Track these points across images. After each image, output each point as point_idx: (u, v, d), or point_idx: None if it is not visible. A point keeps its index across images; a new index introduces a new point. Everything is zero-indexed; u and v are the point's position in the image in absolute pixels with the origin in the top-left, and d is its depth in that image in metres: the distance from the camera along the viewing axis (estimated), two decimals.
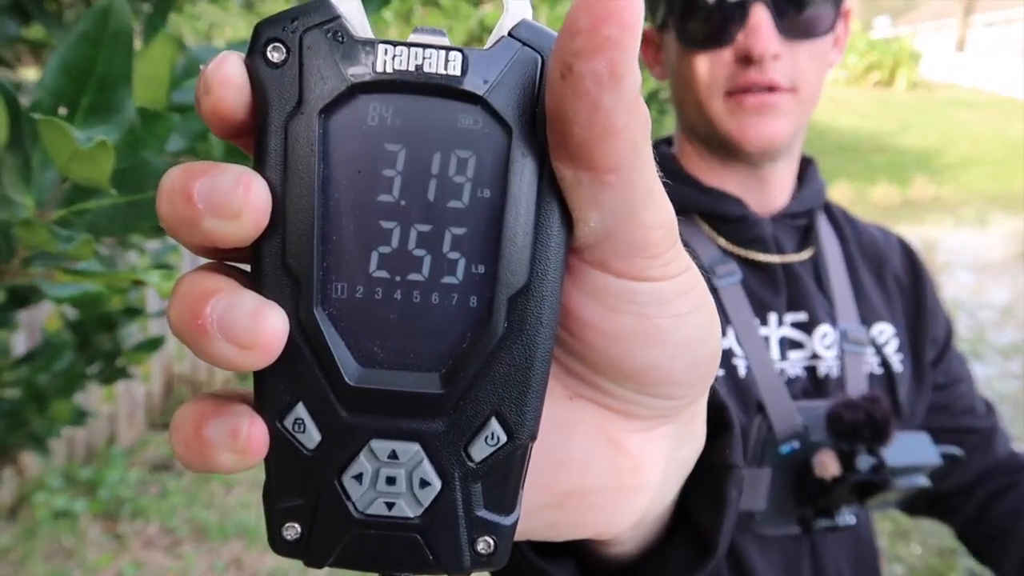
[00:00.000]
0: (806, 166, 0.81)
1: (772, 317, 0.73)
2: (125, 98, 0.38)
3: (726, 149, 0.73)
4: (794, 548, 0.69)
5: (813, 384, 0.71)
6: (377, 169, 0.25)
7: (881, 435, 0.62)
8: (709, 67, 0.69)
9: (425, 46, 0.26)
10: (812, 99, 0.72)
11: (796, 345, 0.72)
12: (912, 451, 0.66)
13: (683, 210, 0.73)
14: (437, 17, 11.69)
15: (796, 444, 0.64)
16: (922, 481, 0.64)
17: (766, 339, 0.72)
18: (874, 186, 11.38)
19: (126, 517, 2.66)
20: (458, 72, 0.26)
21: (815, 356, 0.72)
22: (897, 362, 0.77)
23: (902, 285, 0.82)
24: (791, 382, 0.71)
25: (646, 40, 0.76)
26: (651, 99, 10.11)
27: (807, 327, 0.73)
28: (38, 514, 2.61)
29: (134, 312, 1.24)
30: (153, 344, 1.41)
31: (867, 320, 0.76)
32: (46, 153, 0.38)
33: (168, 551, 2.52)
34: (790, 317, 0.73)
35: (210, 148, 0.55)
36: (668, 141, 0.85)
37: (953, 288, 7.17)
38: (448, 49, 0.27)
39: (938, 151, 13.58)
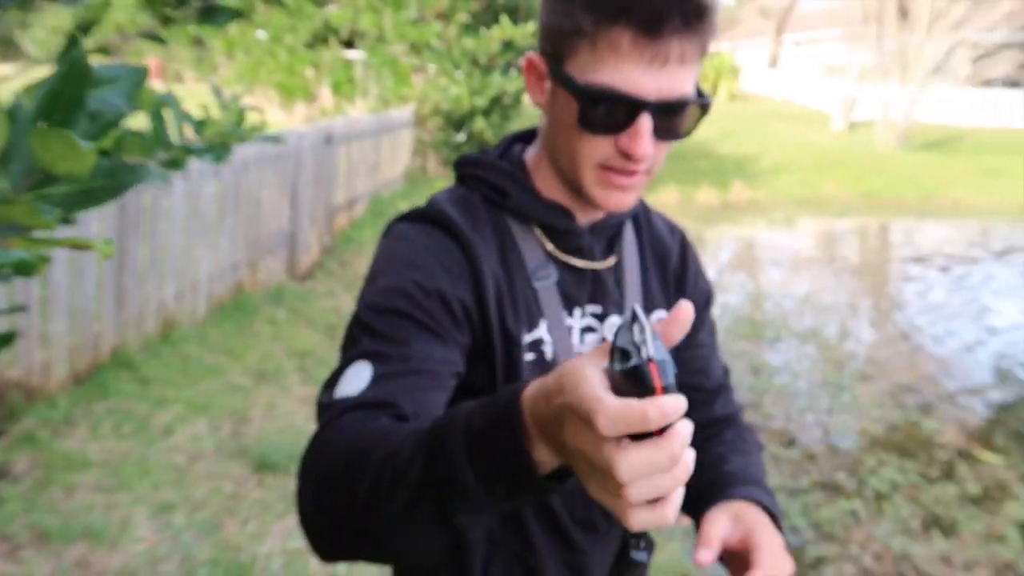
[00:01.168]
0: None
1: (577, 311, 0.90)
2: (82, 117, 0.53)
3: (582, 196, 0.86)
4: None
5: None
6: None
7: None
8: (592, 145, 0.80)
9: None
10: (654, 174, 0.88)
11: (591, 330, 0.91)
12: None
13: (523, 216, 0.89)
14: (280, 16, 11.42)
15: None
16: None
17: (570, 328, 0.89)
18: (698, 189, 12.30)
19: None
20: None
21: (604, 339, 0.91)
22: None
23: (676, 274, 1.00)
24: None
25: (533, 67, 0.85)
26: (495, 103, 10.42)
27: (601, 317, 0.91)
28: None
29: None
30: (5, 340, 1.45)
31: (648, 309, 0.95)
32: (15, 147, 0.52)
33: (8, 557, 2.47)
34: (589, 309, 0.91)
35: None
36: (525, 137, 0.96)
37: (764, 281, 7.99)
38: None
39: (754, 158, 14.84)
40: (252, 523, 2.66)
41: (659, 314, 0.96)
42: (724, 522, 0.82)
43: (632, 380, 0.46)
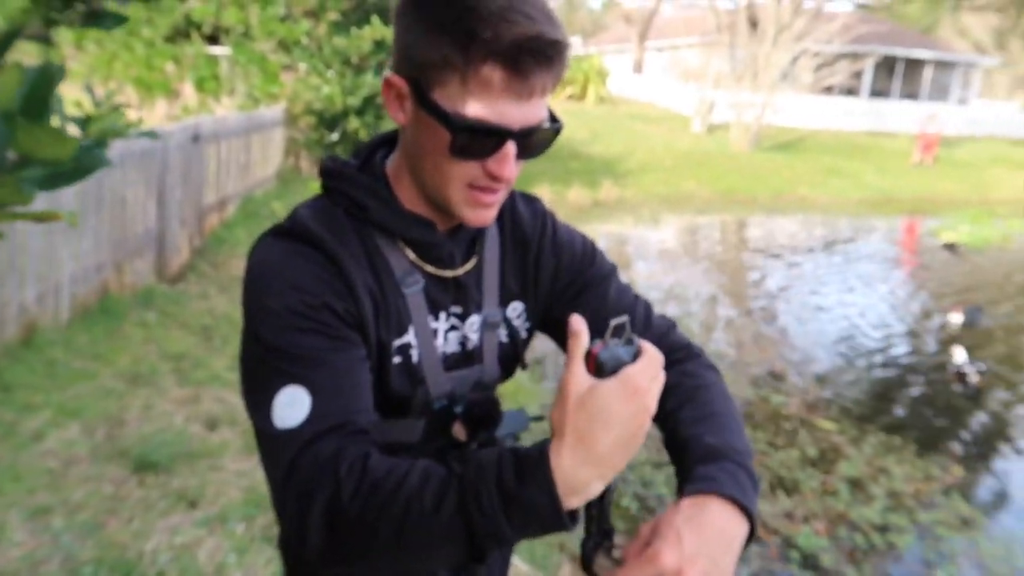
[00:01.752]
0: None
1: (442, 314, 0.95)
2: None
3: (450, 214, 0.91)
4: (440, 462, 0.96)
5: (464, 356, 0.98)
6: None
7: (494, 425, 0.98)
8: (461, 169, 0.86)
9: None
10: None
11: (454, 329, 0.97)
12: (511, 423, 0.99)
13: (388, 231, 0.92)
14: (138, 9, 10.90)
15: (444, 401, 0.94)
16: (514, 441, 1.02)
17: (435, 331, 0.95)
18: (570, 189, 12.72)
19: None
20: None
21: (466, 338, 0.98)
22: (522, 330, 1.03)
23: (535, 257, 1.04)
24: (448, 356, 0.96)
25: (394, 87, 0.87)
26: (368, 103, 10.40)
27: (462, 317, 0.97)
28: None
29: None
30: None
31: (504, 303, 1.01)
32: None
33: None
34: (452, 309, 0.96)
35: None
36: (389, 140, 0.98)
37: (633, 274, 8.44)
38: None
39: (621, 158, 15.51)
40: (136, 521, 2.64)
41: (514, 306, 1.02)
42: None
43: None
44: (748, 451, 0.91)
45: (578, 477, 0.68)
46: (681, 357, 1.04)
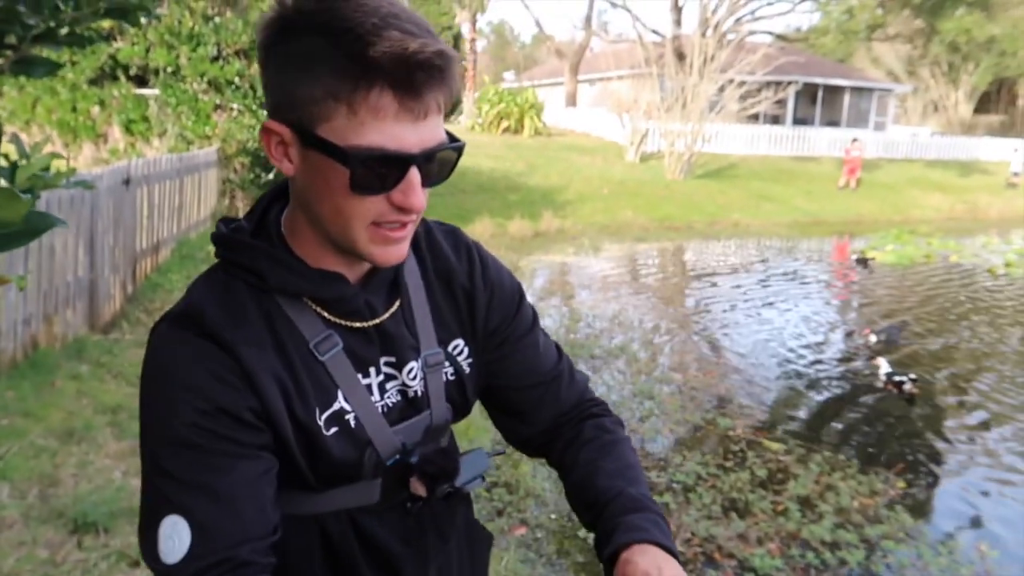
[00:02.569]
0: None
1: (372, 369, 0.89)
2: None
3: (357, 257, 0.84)
4: (405, 516, 0.94)
5: (408, 404, 0.92)
6: None
7: (452, 476, 0.95)
8: (364, 206, 0.79)
9: None
10: None
11: (391, 378, 0.90)
12: (471, 467, 0.96)
13: (292, 294, 0.84)
14: (62, 52, 10.61)
15: (397, 456, 0.90)
16: (479, 481, 1.00)
17: (369, 386, 0.88)
18: (511, 221, 12.82)
19: None
20: None
21: (406, 386, 0.91)
22: (466, 366, 0.97)
23: (466, 292, 0.98)
24: (391, 408, 0.91)
25: (274, 135, 0.80)
26: None
27: (397, 366, 0.91)
28: None
29: None
30: None
31: (444, 341, 0.95)
32: None
33: None
34: (384, 360, 0.90)
35: None
36: (279, 194, 0.90)
37: (576, 304, 8.51)
38: None
39: (560, 189, 15.71)
40: None
41: (455, 343, 0.96)
42: None
43: None
44: (654, 501, 0.96)
45: None
46: (597, 412, 1.07)
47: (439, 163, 0.81)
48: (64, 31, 1.24)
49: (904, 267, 11.62)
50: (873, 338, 7.05)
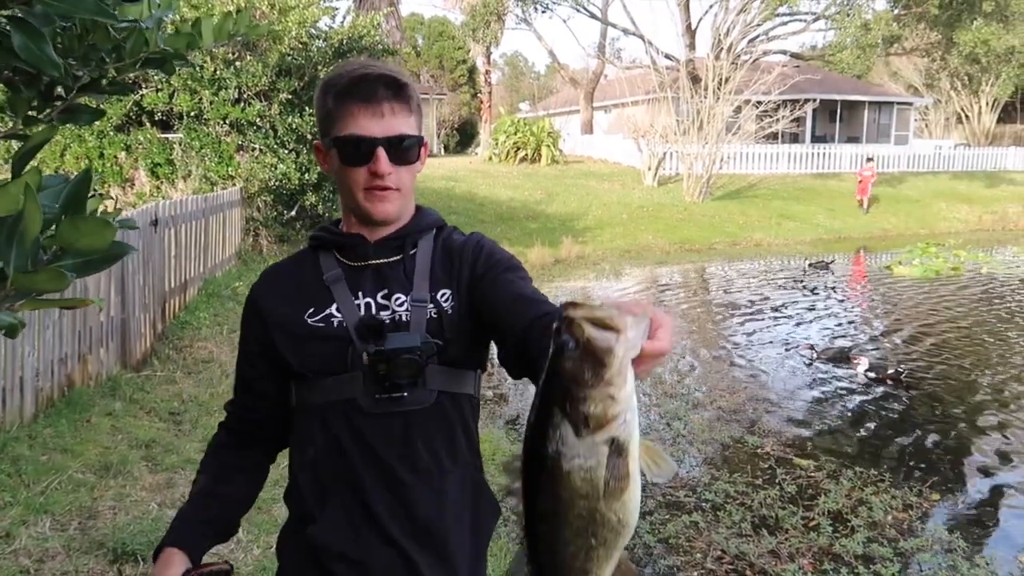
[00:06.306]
0: (417, 213, 1.33)
1: (360, 293, 1.24)
2: None
3: (364, 217, 1.26)
4: (390, 419, 1.20)
5: (393, 326, 1.21)
6: None
7: (379, 336, 1.19)
8: (355, 176, 1.23)
9: None
10: (409, 193, 1.27)
11: (384, 307, 1.23)
12: (398, 340, 1.17)
13: (326, 246, 1.29)
14: (88, 101, 10.91)
15: (371, 348, 1.18)
16: (412, 355, 1.17)
17: (358, 305, 1.23)
18: (531, 249, 12.86)
19: None
20: None
21: (395, 312, 1.23)
22: (448, 308, 1.24)
23: (461, 256, 1.28)
24: (382, 324, 1.21)
25: (319, 149, 1.29)
26: (325, 177, 10.48)
27: (388, 296, 1.24)
28: None
29: None
30: None
31: (434, 288, 1.25)
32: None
33: None
34: (378, 292, 1.24)
35: None
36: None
37: None
38: None
39: (579, 216, 15.79)
40: None
41: (443, 291, 1.26)
42: None
43: None
44: None
45: None
46: None
47: (404, 147, 1.22)
48: (106, 81, 1.32)
49: (930, 279, 11.51)
50: (862, 366, 6.60)
